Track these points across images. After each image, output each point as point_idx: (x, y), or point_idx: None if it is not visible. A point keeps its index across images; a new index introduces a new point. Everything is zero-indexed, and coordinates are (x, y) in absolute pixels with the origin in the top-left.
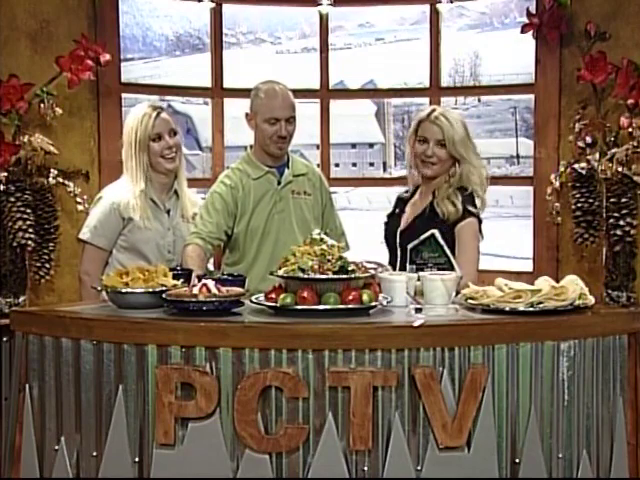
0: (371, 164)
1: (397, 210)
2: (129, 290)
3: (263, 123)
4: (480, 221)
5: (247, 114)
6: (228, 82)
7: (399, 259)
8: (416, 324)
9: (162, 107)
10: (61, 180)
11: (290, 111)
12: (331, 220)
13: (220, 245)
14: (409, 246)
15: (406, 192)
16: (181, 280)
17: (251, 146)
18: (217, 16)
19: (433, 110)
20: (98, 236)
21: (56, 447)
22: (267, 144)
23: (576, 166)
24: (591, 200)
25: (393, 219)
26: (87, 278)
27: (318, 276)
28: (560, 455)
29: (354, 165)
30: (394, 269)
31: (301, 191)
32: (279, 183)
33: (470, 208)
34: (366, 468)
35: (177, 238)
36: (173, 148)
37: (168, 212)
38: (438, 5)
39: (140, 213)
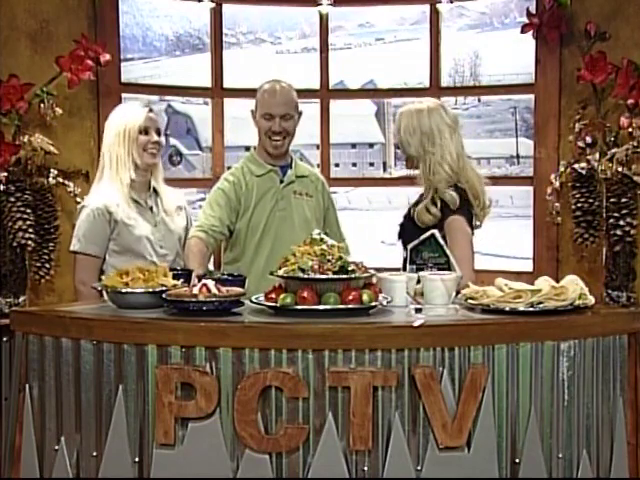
0: (371, 164)
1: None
2: (129, 290)
3: (260, 118)
4: (468, 216)
5: (252, 111)
6: (228, 82)
7: (402, 258)
8: (416, 324)
9: (151, 107)
10: (61, 180)
11: (285, 108)
12: (333, 225)
13: (222, 240)
14: (409, 246)
15: None
16: (181, 280)
17: (254, 147)
18: (217, 16)
19: (408, 104)
20: (88, 244)
21: (56, 447)
22: (264, 140)
23: (576, 166)
24: (591, 200)
25: (408, 215)
26: (83, 288)
27: (318, 276)
28: (560, 455)
29: (354, 165)
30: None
31: (303, 192)
32: (281, 182)
33: (451, 206)
34: (366, 468)
35: (165, 232)
36: (156, 145)
37: (151, 209)
38: (438, 5)
39: (126, 212)
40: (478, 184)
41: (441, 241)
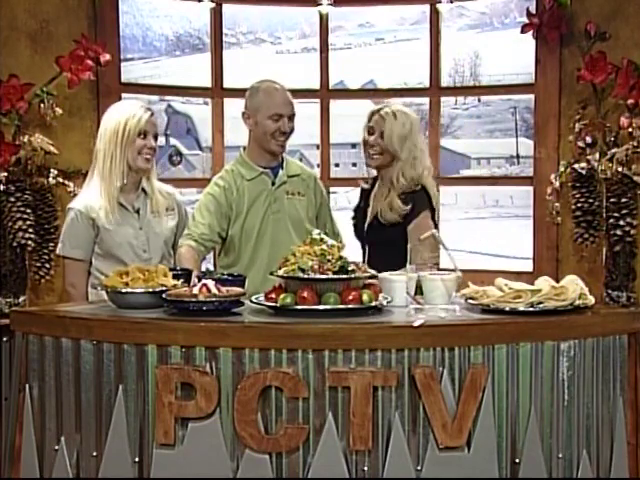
0: None
1: (362, 204)
2: (129, 290)
3: (266, 120)
4: (432, 211)
5: (244, 113)
6: (228, 82)
7: (367, 255)
8: (416, 324)
9: (152, 111)
10: (61, 180)
11: (291, 108)
12: (327, 221)
13: (214, 247)
14: (409, 246)
15: (366, 183)
16: (181, 280)
17: (244, 148)
18: (217, 16)
19: (387, 106)
20: (73, 248)
21: (56, 447)
22: (268, 140)
23: (576, 166)
24: (591, 200)
25: (359, 213)
26: (73, 291)
27: (318, 276)
28: (560, 455)
29: (354, 165)
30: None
31: (295, 192)
32: (273, 184)
33: (419, 204)
34: (366, 468)
35: (150, 235)
36: (152, 150)
37: (137, 211)
38: (438, 5)
39: (108, 217)
40: (434, 188)
41: (441, 241)
